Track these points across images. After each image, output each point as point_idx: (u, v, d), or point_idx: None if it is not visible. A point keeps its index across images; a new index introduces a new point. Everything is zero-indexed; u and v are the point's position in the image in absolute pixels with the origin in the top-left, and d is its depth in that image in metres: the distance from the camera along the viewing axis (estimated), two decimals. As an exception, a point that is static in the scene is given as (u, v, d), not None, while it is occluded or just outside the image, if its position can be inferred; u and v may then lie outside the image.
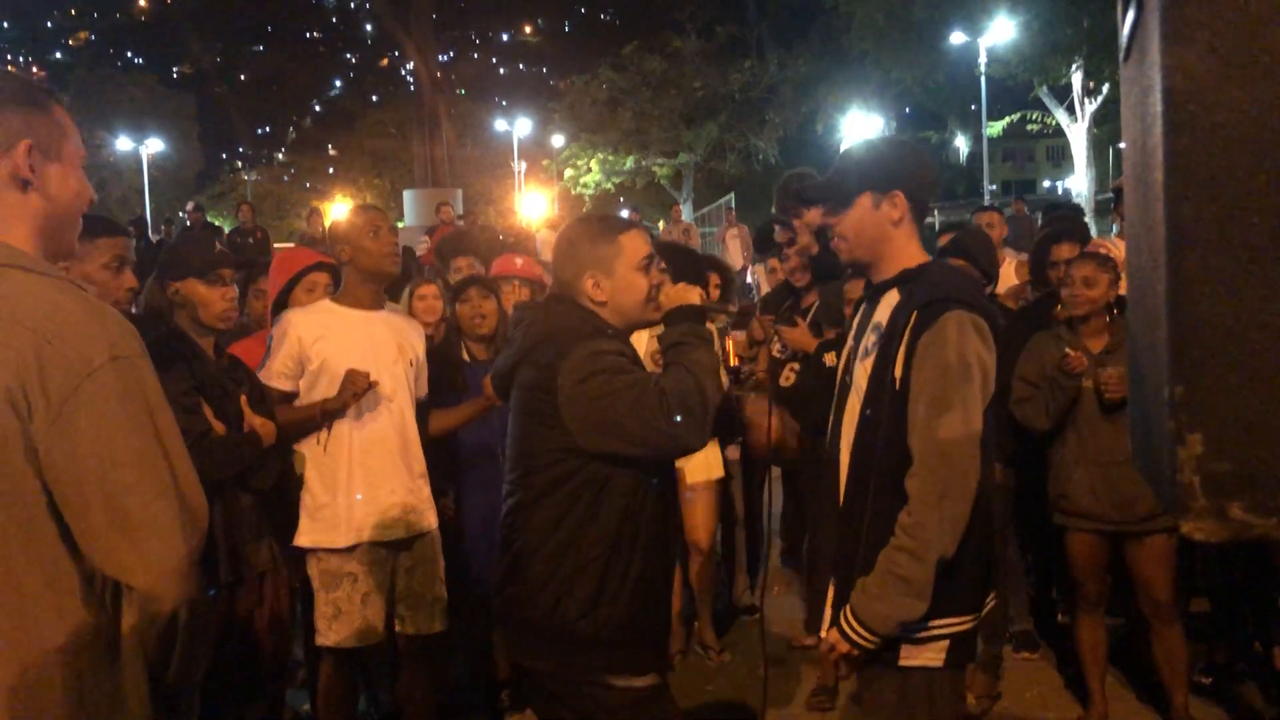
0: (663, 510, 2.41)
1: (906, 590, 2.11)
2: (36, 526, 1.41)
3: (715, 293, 4.76)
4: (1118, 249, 4.19)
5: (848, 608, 2.20)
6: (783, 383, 4.09)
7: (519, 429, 2.39)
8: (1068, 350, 3.57)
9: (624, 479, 2.30)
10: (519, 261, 4.46)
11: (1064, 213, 6.51)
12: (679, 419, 2.21)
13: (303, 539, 3.29)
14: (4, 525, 1.39)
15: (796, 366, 4.19)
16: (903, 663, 2.23)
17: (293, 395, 3.31)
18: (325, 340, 3.27)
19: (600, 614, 2.28)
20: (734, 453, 4.77)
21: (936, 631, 2.21)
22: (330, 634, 3.28)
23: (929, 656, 2.22)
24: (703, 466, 4.40)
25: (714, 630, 4.63)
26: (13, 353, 1.38)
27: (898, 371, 2.20)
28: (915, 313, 2.20)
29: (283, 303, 3.69)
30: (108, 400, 1.41)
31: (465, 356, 3.89)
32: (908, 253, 2.32)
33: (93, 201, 1.66)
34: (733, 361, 3.80)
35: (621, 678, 2.33)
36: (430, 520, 3.43)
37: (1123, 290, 3.86)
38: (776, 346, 4.23)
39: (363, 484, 3.26)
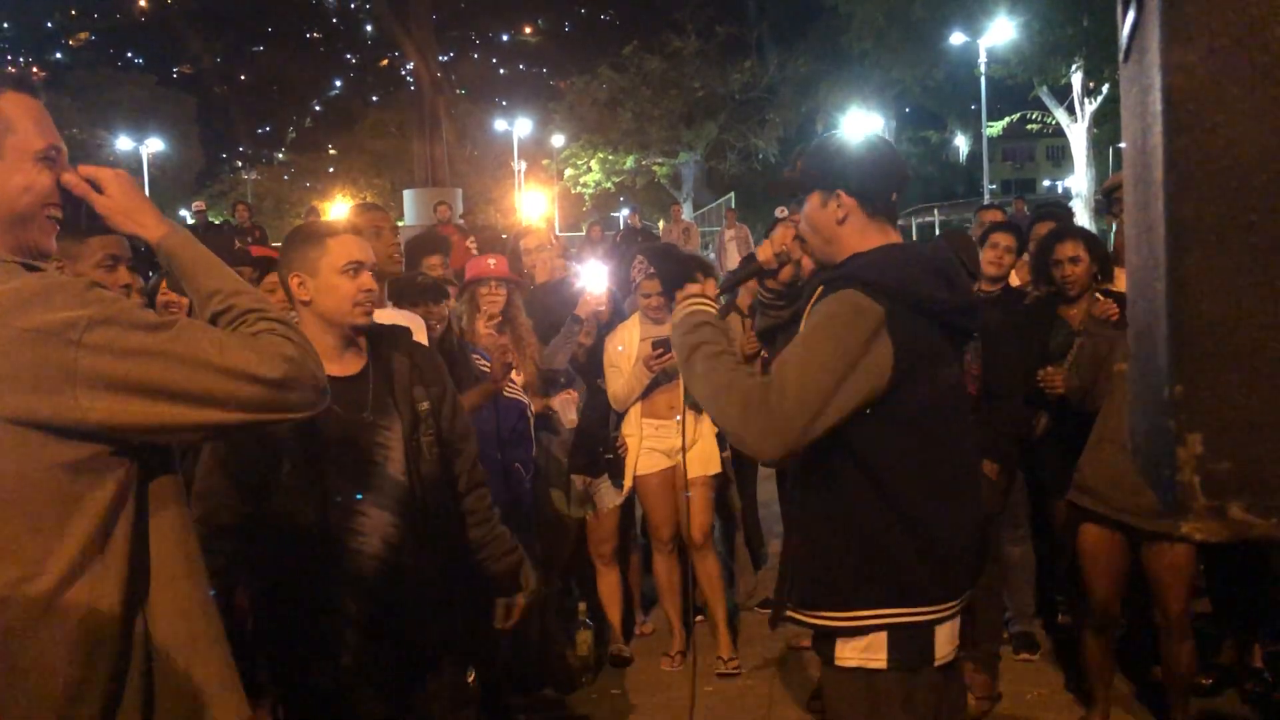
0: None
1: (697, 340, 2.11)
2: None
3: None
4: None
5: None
6: None
7: None
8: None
9: None
10: (491, 262, 4.31)
11: (1058, 209, 6.55)
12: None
13: None
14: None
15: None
16: (839, 662, 2.07)
17: None
18: None
19: None
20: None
21: (869, 620, 2.03)
22: None
23: (866, 654, 2.04)
24: (700, 461, 4.40)
25: (730, 637, 4.52)
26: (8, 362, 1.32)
27: None
28: (820, 289, 2.13)
29: None
30: (110, 354, 1.35)
31: None
32: (859, 249, 2.16)
33: (52, 199, 1.51)
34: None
35: None
36: None
37: (1121, 287, 3.88)
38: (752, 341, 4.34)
39: None
